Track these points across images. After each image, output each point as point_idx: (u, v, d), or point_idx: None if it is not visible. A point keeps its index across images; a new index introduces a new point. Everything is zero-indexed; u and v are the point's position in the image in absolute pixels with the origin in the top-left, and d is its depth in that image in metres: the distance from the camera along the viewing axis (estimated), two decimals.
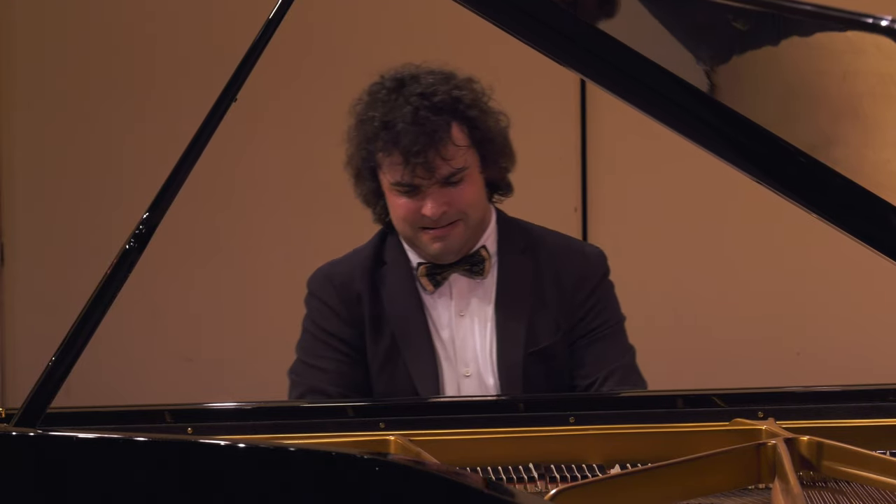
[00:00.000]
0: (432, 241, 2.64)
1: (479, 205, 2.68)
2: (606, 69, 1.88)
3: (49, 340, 2.15)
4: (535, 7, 1.88)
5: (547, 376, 2.67)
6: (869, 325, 4.50)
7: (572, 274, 2.72)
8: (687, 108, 1.86)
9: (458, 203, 2.63)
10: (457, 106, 2.64)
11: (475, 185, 2.66)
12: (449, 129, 2.61)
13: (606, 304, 2.75)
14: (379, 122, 2.62)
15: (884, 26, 1.51)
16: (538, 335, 2.67)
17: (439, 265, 2.68)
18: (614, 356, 2.70)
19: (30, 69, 4.60)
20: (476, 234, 2.69)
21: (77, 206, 4.61)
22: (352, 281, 2.71)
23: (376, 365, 2.68)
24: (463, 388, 2.66)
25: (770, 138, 1.84)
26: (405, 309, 2.68)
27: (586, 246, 2.81)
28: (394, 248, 2.73)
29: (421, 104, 2.61)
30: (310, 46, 4.49)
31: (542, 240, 2.76)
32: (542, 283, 2.70)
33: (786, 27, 1.76)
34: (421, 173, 2.59)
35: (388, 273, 2.71)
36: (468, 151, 2.64)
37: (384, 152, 2.62)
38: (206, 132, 2.15)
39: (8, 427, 1.88)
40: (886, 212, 1.82)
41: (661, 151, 4.38)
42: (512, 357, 2.65)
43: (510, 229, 2.74)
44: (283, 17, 2.21)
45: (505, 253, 2.71)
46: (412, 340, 2.66)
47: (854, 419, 2.31)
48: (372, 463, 1.66)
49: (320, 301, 2.72)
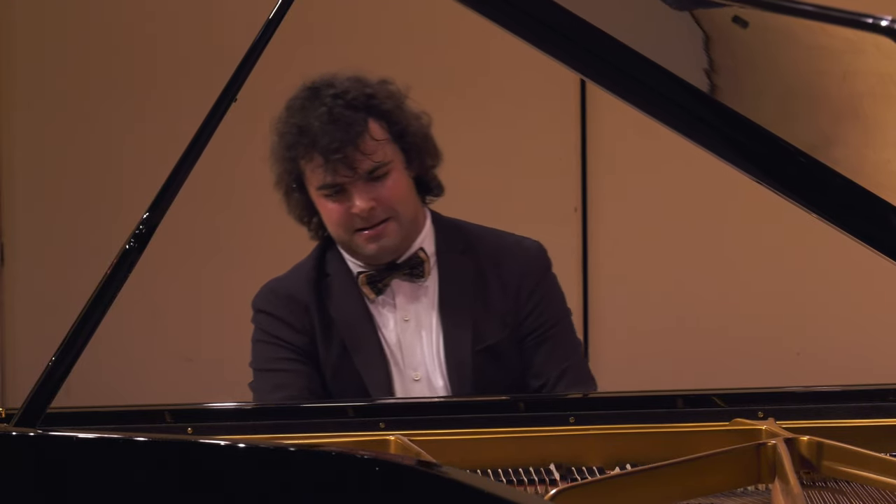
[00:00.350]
0: (367, 242, 2.65)
1: (407, 201, 2.68)
2: (606, 69, 1.88)
3: (49, 340, 2.15)
4: (535, 7, 1.88)
5: (496, 374, 2.67)
6: (869, 325, 4.50)
7: (514, 270, 2.72)
8: (687, 108, 1.86)
9: (385, 199, 2.64)
10: (371, 102, 2.66)
11: (401, 181, 2.67)
12: (365, 124, 2.63)
13: (552, 299, 2.75)
14: (296, 129, 2.65)
15: (884, 26, 1.51)
16: (483, 333, 2.68)
17: (379, 273, 2.69)
18: (565, 354, 2.71)
19: (30, 69, 4.60)
20: (411, 234, 2.70)
21: (77, 206, 4.61)
22: (297, 292, 2.72)
23: (329, 371, 2.69)
24: (413, 392, 2.68)
25: (770, 138, 1.84)
26: (352, 317, 2.69)
27: (525, 241, 2.79)
28: (335, 260, 2.73)
29: (335, 103, 2.63)
30: (310, 47, 4.49)
31: (481, 238, 2.76)
32: (484, 281, 2.70)
33: (785, 27, 1.76)
34: (342, 171, 2.61)
35: (331, 284, 2.72)
36: (388, 146, 2.66)
37: (305, 158, 2.64)
38: (206, 132, 2.15)
39: (8, 427, 1.88)
40: (886, 212, 1.82)
41: (661, 151, 4.38)
42: (459, 357, 2.66)
43: (447, 230, 2.75)
44: (283, 17, 2.21)
45: (444, 254, 2.72)
46: (361, 348, 2.68)
47: (854, 419, 2.31)
48: (372, 463, 1.66)
49: (267, 314, 2.73)
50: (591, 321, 4.58)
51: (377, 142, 2.63)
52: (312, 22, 4.38)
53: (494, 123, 4.53)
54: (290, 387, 2.66)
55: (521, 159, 4.55)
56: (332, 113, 2.62)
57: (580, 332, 4.57)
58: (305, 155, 2.64)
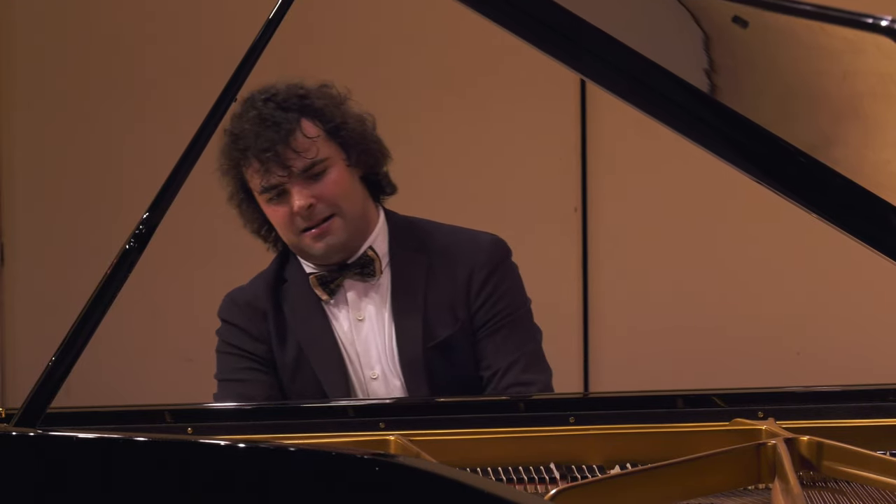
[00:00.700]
0: (314, 241, 2.66)
1: (351, 198, 2.69)
2: (606, 69, 1.88)
3: (49, 340, 2.14)
4: (536, 7, 1.87)
5: (450, 369, 2.68)
6: (869, 325, 4.50)
7: (465, 264, 2.72)
8: (687, 108, 1.86)
9: (325, 196, 2.65)
10: (303, 101, 2.68)
11: (342, 178, 2.67)
12: (297, 122, 2.64)
13: (505, 291, 2.73)
14: (232, 137, 2.67)
15: (884, 26, 1.51)
16: (435, 329, 2.68)
17: (330, 273, 2.70)
18: (515, 345, 2.70)
19: (30, 69, 4.60)
20: (361, 233, 2.70)
21: (77, 206, 4.61)
22: (256, 299, 2.75)
23: (287, 375, 2.71)
24: (371, 390, 2.69)
25: (770, 138, 1.84)
26: (308, 320, 2.71)
27: (480, 235, 2.77)
28: (293, 266, 2.76)
29: (265, 107, 2.65)
30: (310, 47, 4.49)
31: (434, 234, 2.76)
32: (435, 276, 2.71)
33: (785, 27, 1.76)
34: (276, 170, 2.62)
35: (289, 289, 2.74)
36: (324, 143, 2.66)
37: (244, 165, 2.67)
38: (206, 132, 2.15)
39: (8, 427, 1.88)
40: (886, 212, 1.82)
41: (662, 151, 4.38)
42: (411, 353, 2.67)
43: (400, 228, 2.76)
44: (283, 17, 2.21)
45: (397, 252, 2.72)
46: (317, 349, 2.69)
47: (854, 419, 2.31)
48: (372, 463, 1.66)
49: (228, 324, 2.76)
50: (591, 321, 4.58)
51: (310, 139, 2.64)
52: (312, 22, 4.38)
53: (494, 123, 4.53)
54: (250, 397, 2.68)
55: (521, 159, 4.55)
56: (262, 115, 2.64)
57: (580, 332, 4.58)
58: (243, 160, 2.66)
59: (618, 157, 4.54)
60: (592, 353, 4.59)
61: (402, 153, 4.58)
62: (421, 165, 4.51)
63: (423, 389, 2.65)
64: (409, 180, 4.72)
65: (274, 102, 2.64)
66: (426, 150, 4.52)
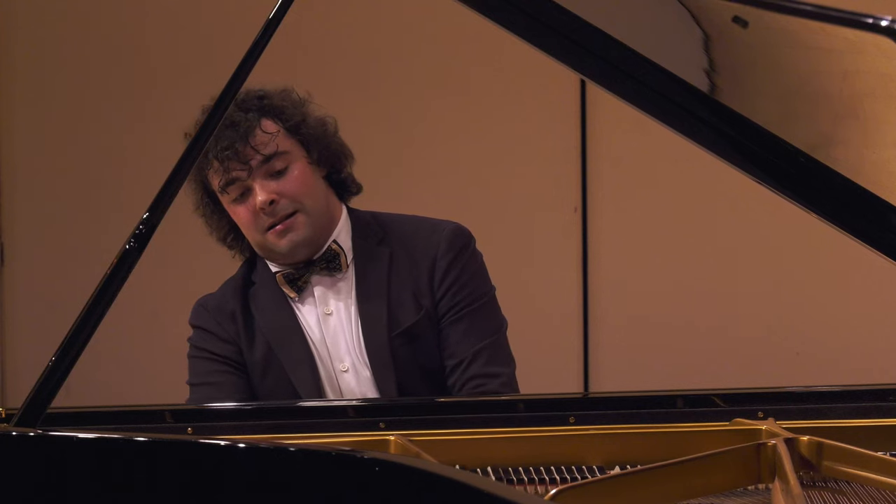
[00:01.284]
0: (278, 238, 2.68)
1: (314, 194, 2.71)
2: (606, 69, 1.88)
3: (49, 340, 2.14)
4: (535, 7, 1.88)
5: (416, 358, 2.69)
6: (869, 325, 4.50)
7: (427, 252, 2.73)
8: (687, 108, 1.86)
9: (287, 192, 2.67)
10: (262, 102, 2.71)
11: (304, 174, 2.70)
12: (257, 121, 2.67)
13: (468, 278, 2.74)
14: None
15: (884, 26, 1.51)
16: (400, 317, 2.69)
17: (297, 270, 2.72)
18: (478, 335, 2.70)
19: (30, 69, 4.60)
20: (324, 228, 2.72)
21: (77, 206, 4.61)
22: (225, 302, 2.77)
23: (257, 374, 2.72)
24: (341, 382, 2.70)
25: (770, 138, 1.84)
26: (276, 318, 2.73)
27: (442, 223, 2.78)
28: (261, 269, 2.77)
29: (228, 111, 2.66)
30: (310, 47, 4.49)
31: (396, 225, 2.78)
32: (398, 266, 2.72)
33: (785, 27, 1.76)
34: (235, 166, 2.65)
35: (257, 291, 2.76)
36: (284, 139, 2.69)
37: (206, 168, 2.69)
38: (205, 132, 2.14)
39: (8, 427, 1.88)
40: (886, 212, 1.82)
41: (662, 151, 4.39)
42: (376, 341, 2.68)
43: (363, 222, 2.77)
44: (283, 17, 2.21)
45: (360, 246, 2.74)
46: (285, 346, 2.71)
47: (854, 419, 2.31)
48: (372, 463, 1.66)
49: (199, 329, 2.78)
50: (591, 321, 4.59)
51: (269, 135, 2.67)
52: (312, 22, 4.38)
53: (494, 124, 4.53)
54: (220, 400, 2.69)
55: (522, 159, 4.55)
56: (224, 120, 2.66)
57: (580, 332, 4.58)
58: (204, 163, 2.68)
59: (618, 157, 4.54)
60: (592, 353, 4.59)
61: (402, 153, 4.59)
62: (421, 165, 4.51)
63: (390, 378, 2.66)
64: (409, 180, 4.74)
65: (235, 105, 2.66)
66: (426, 150, 4.52)
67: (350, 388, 2.69)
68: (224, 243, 2.83)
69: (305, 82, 4.64)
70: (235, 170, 2.65)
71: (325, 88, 4.46)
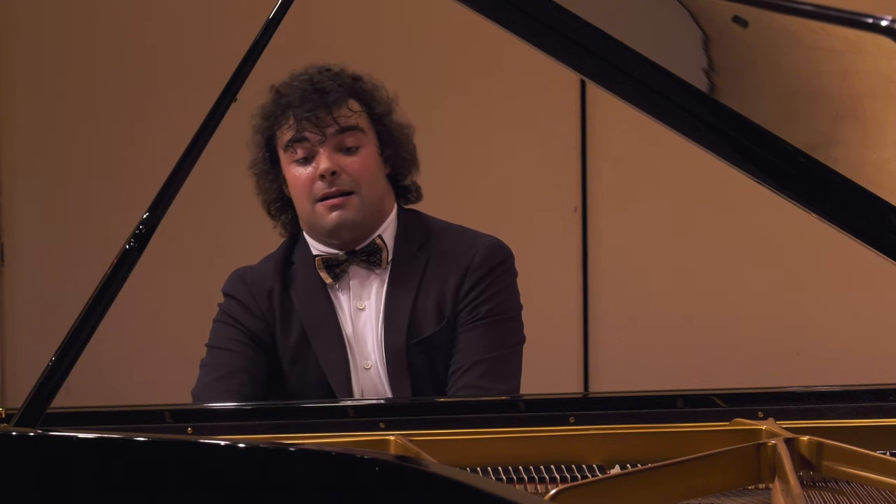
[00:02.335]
0: (328, 212, 2.67)
1: (374, 182, 2.71)
2: (606, 69, 1.88)
3: (49, 340, 2.14)
4: (535, 7, 1.88)
5: (431, 366, 2.69)
6: (869, 325, 4.50)
7: (460, 265, 2.72)
8: (687, 108, 1.86)
9: (350, 170, 2.68)
10: (356, 84, 2.74)
11: (371, 160, 2.71)
12: (346, 96, 2.70)
13: (494, 293, 2.73)
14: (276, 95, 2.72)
15: (884, 26, 1.51)
16: (421, 325, 2.69)
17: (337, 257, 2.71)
18: (486, 347, 2.69)
19: (30, 69, 4.60)
20: (372, 218, 2.71)
21: (77, 206, 4.61)
22: (263, 279, 2.76)
23: (287, 359, 2.71)
24: (363, 380, 2.69)
25: (770, 138, 1.84)
26: (313, 303, 2.72)
27: (482, 238, 2.78)
28: (302, 248, 2.77)
29: (320, 76, 2.72)
30: (310, 46, 4.49)
31: (439, 234, 2.78)
32: (430, 275, 2.72)
33: (785, 27, 1.76)
34: (310, 127, 2.66)
35: (296, 271, 2.75)
36: (364, 121, 2.71)
37: (281, 121, 2.70)
38: (206, 132, 2.15)
39: (8, 427, 1.88)
40: (886, 212, 1.82)
41: (662, 151, 4.38)
42: (395, 346, 2.68)
43: (409, 223, 2.77)
44: (283, 17, 2.21)
45: (402, 247, 2.74)
46: (321, 333, 2.70)
47: (854, 419, 2.31)
48: (372, 463, 1.66)
49: (231, 298, 2.77)
50: (591, 321, 4.59)
51: (353, 112, 2.69)
52: (312, 22, 4.38)
53: (495, 123, 4.53)
54: (231, 366, 2.69)
55: (522, 159, 4.55)
56: (314, 80, 2.70)
57: (580, 332, 4.58)
58: (281, 117, 2.69)
59: (618, 157, 4.54)
60: (592, 353, 4.59)
61: None
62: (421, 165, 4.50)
63: (405, 383, 2.66)
64: None
65: (328, 74, 2.70)
66: (426, 149, 4.50)
67: (370, 386, 2.69)
68: (268, 210, 2.82)
69: None
70: (308, 130, 2.66)
71: None
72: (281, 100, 2.70)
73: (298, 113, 2.66)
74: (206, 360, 2.75)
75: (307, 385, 2.69)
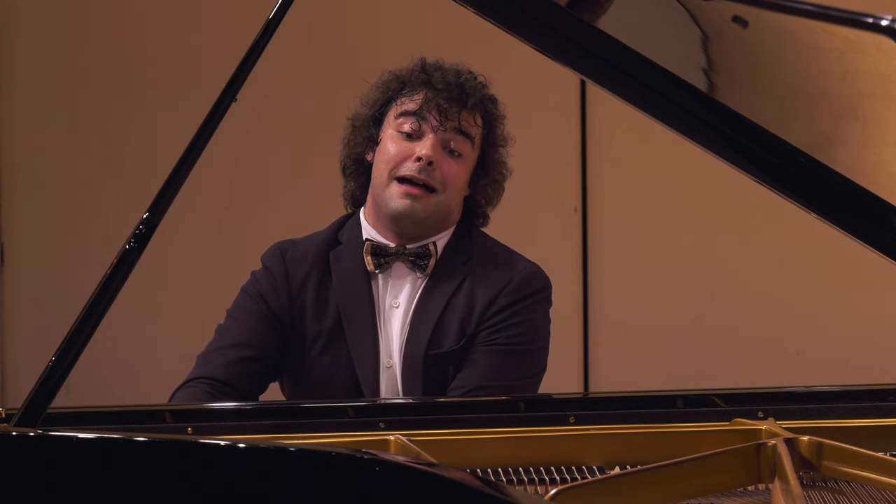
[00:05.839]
0: (402, 196, 2.67)
1: (456, 192, 2.72)
2: (606, 69, 1.88)
3: (49, 340, 2.15)
4: (535, 7, 1.87)
5: (444, 379, 2.67)
6: (869, 325, 4.50)
7: (494, 285, 2.70)
8: (686, 108, 1.86)
9: (446, 171, 2.68)
10: (490, 104, 2.77)
11: (463, 174, 2.72)
12: (479, 107, 2.74)
13: (521, 321, 2.70)
14: (420, 69, 2.75)
15: (884, 26, 1.51)
16: (442, 340, 2.67)
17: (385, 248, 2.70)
18: (494, 374, 2.66)
19: (30, 69, 4.60)
20: (436, 224, 2.72)
21: (77, 206, 4.61)
22: (303, 260, 2.74)
23: (317, 347, 2.69)
24: (382, 378, 2.68)
25: (770, 138, 1.84)
26: (352, 285, 2.70)
27: (523, 263, 2.75)
28: (351, 229, 2.76)
29: (468, 74, 2.76)
30: (309, 46, 4.49)
31: (485, 251, 2.76)
32: (465, 291, 2.70)
33: (785, 27, 1.76)
34: (434, 111, 2.68)
35: (341, 252, 2.74)
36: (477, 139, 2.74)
37: (412, 91, 2.72)
38: (206, 132, 2.14)
39: (8, 427, 1.88)
40: (886, 212, 1.82)
41: (662, 152, 4.39)
42: (413, 353, 2.67)
43: (461, 236, 2.76)
44: (283, 17, 2.21)
45: (448, 257, 2.73)
46: (355, 319, 2.68)
47: (854, 419, 2.31)
48: (372, 463, 1.66)
49: (266, 270, 2.75)
50: (591, 321, 4.59)
51: (474, 126, 2.73)
52: (312, 22, 4.38)
53: None
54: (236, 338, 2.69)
55: (522, 159, 4.54)
56: (461, 76, 2.75)
57: (580, 332, 4.58)
58: (415, 87, 2.72)
59: (618, 157, 4.54)
60: (592, 353, 4.59)
61: None
62: None
63: (417, 390, 2.66)
64: None
65: (475, 82, 2.74)
66: None
67: (387, 386, 2.69)
68: (343, 167, 2.80)
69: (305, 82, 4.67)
70: (432, 113, 2.68)
71: (325, 88, 4.47)
72: (423, 73, 2.73)
73: (433, 94, 2.69)
74: (220, 326, 2.75)
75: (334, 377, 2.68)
